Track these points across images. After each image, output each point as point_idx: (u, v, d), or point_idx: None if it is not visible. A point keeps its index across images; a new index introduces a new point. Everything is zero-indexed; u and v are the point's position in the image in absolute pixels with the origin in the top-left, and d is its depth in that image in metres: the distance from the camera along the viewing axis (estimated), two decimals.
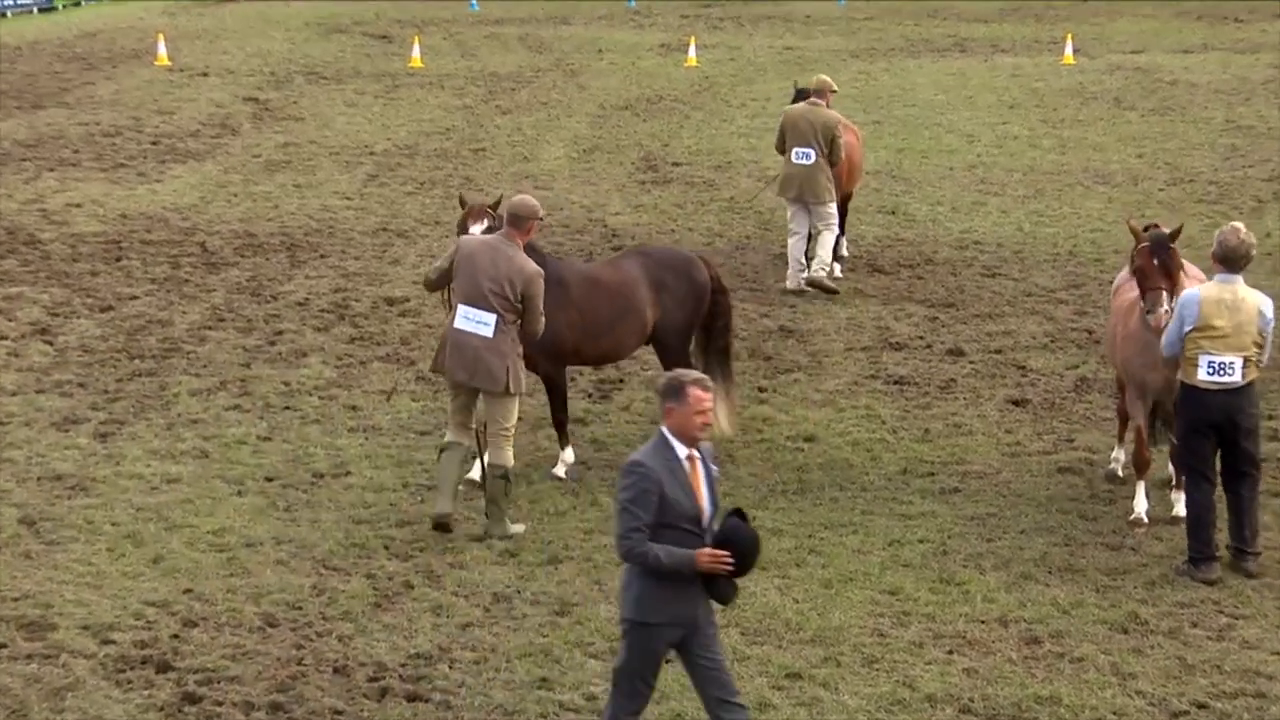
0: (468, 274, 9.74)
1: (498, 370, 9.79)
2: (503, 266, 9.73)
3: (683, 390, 6.86)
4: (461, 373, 9.81)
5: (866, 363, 13.77)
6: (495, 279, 9.70)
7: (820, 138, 15.30)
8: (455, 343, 9.83)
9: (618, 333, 10.93)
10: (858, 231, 17.71)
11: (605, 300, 10.84)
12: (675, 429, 6.88)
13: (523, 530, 10.01)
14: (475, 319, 9.75)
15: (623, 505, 6.83)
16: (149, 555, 9.71)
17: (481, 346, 9.77)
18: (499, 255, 9.74)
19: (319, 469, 11.14)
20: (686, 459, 6.90)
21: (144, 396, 12.39)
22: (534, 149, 21.90)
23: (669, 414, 6.88)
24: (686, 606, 6.97)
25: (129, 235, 16.89)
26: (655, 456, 6.86)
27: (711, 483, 7.01)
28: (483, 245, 9.81)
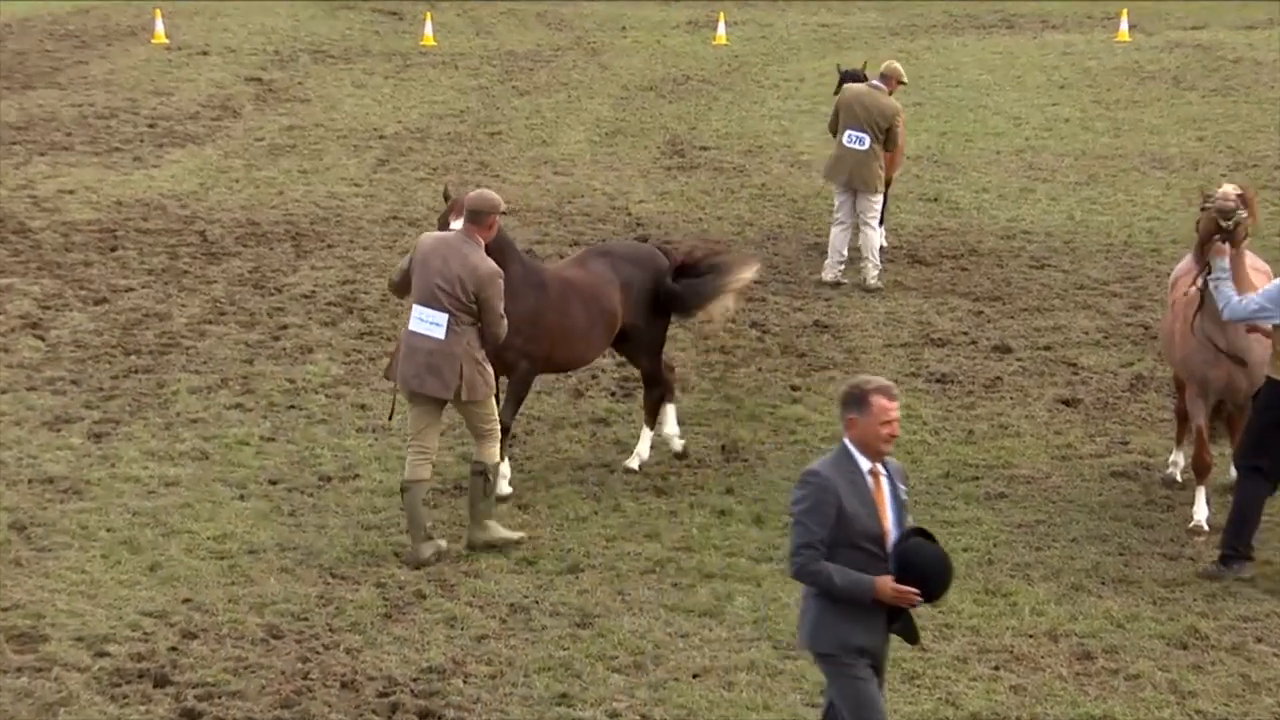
0: (420, 272, 9.68)
1: (448, 375, 9.63)
2: (454, 264, 9.61)
3: (865, 399, 6.70)
4: (413, 379, 9.71)
5: (906, 360, 13.76)
6: (446, 277, 9.60)
7: (877, 124, 15.28)
8: (408, 346, 9.76)
9: (592, 336, 10.94)
10: (898, 220, 17.69)
11: (581, 304, 10.85)
12: (858, 441, 6.71)
13: (518, 538, 9.93)
14: (428, 320, 9.67)
15: (796, 518, 6.65)
16: (146, 563, 9.75)
17: (434, 350, 9.64)
18: (452, 252, 9.65)
19: (326, 471, 11.18)
20: (869, 473, 6.70)
21: (141, 394, 12.45)
22: (553, 132, 21.93)
23: (851, 425, 6.72)
24: (870, 637, 6.71)
25: (124, 224, 16.96)
26: (835, 467, 6.70)
27: (899, 503, 6.75)
28: (438, 242, 9.76)
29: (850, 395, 6.76)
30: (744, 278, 11.40)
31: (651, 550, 10.11)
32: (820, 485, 6.64)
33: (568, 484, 11.08)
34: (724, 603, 9.46)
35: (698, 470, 11.40)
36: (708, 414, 12.50)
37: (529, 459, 11.48)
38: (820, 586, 6.63)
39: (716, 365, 13.53)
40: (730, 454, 11.68)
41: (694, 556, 10.05)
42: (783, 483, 11.18)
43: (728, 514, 10.69)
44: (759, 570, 9.88)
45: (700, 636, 9.10)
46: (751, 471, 11.40)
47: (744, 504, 10.85)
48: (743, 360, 13.67)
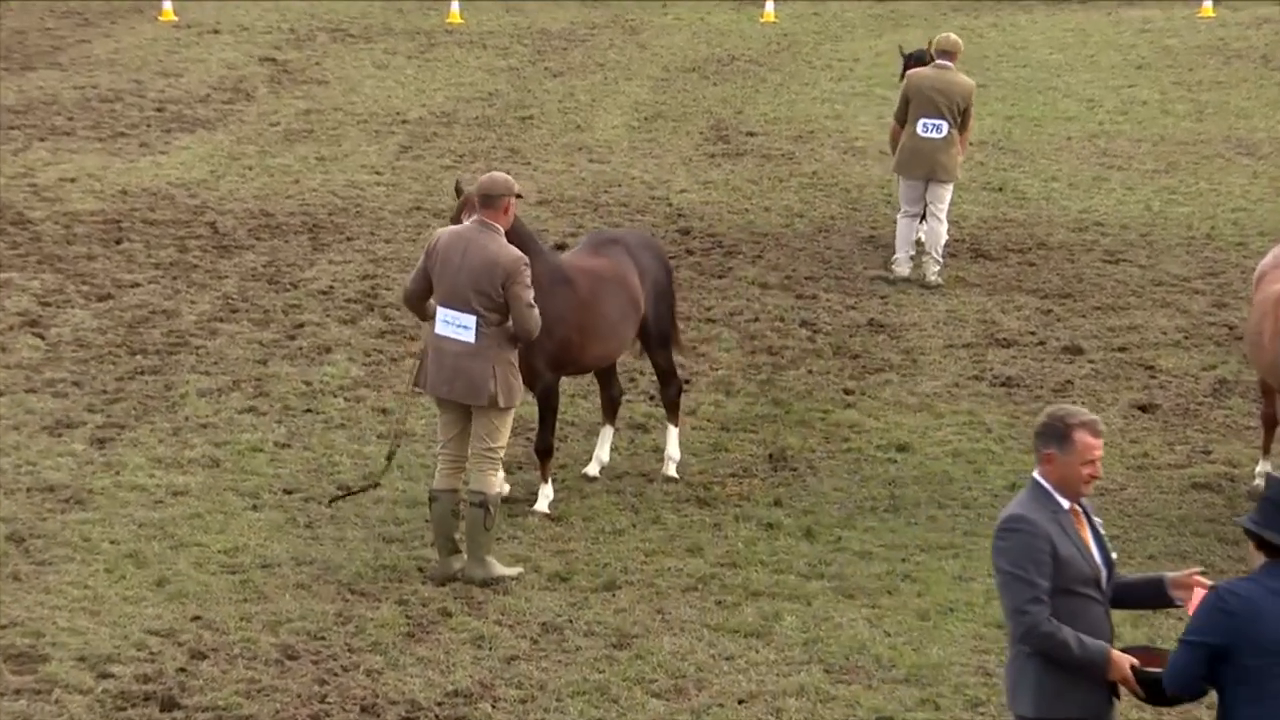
0: (441, 271, 9.68)
1: (480, 380, 9.62)
2: (476, 256, 9.60)
3: (1069, 435, 6.43)
4: (442, 385, 9.72)
5: (969, 361, 13.73)
6: (470, 272, 9.59)
7: (955, 108, 15.20)
8: (435, 351, 9.77)
9: (620, 332, 10.97)
10: (960, 211, 17.65)
11: (608, 297, 10.87)
12: (1056, 480, 6.45)
13: (516, 574, 9.87)
14: (454, 322, 9.66)
15: (1010, 572, 6.37)
16: (152, 578, 9.81)
17: (462, 353, 9.64)
18: (471, 245, 9.64)
19: (345, 480, 11.22)
20: (1070, 511, 6.50)
21: (147, 397, 12.52)
22: (588, 117, 21.96)
23: (1048, 461, 6.46)
24: (1098, 695, 6.42)
25: (130, 214, 17.06)
26: (1037, 509, 6.44)
27: (1101, 539, 6.58)
28: (454, 236, 9.75)
29: (1050, 428, 6.47)
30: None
31: (693, 566, 10.12)
32: (1030, 531, 6.39)
33: (604, 494, 11.10)
34: (771, 623, 9.46)
35: (743, 480, 11.41)
36: (754, 419, 12.50)
37: (562, 467, 11.50)
38: (1054, 653, 6.31)
39: (763, 367, 13.54)
40: (778, 463, 11.68)
41: (739, 573, 10.06)
42: (834, 494, 11.17)
43: (776, 527, 10.69)
44: (809, 588, 9.88)
45: (746, 659, 9.10)
46: (801, 481, 11.40)
47: (793, 516, 10.85)
48: (792, 362, 13.66)
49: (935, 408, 12.74)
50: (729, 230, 17.12)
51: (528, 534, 10.48)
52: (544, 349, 10.30)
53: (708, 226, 17.22)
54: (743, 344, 14.05)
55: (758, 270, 15.87)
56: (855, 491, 11.25)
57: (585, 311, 10.73)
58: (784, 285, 15.48)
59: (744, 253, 16.40)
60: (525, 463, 11.36)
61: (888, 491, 11.26)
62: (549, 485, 10.85)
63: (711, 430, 12.28)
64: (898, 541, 10.52)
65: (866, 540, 10.52)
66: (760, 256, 16.30)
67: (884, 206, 17.75)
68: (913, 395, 12.98)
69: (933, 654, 9.14)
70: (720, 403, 12.78)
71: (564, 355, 10.66)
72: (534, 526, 10.58)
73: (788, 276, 15.72)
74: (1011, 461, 11.74)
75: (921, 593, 9.85)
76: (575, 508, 10.86)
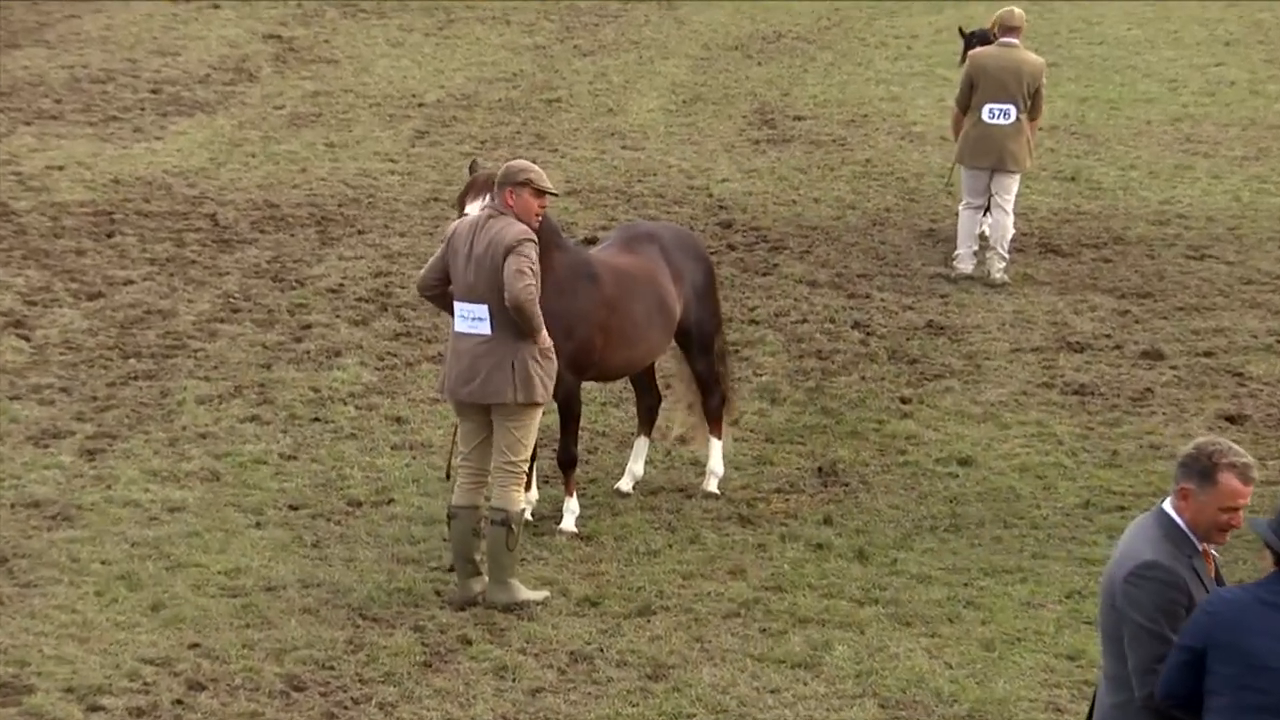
0: (454, 263, 9.74)
1: (499, 377, 9.65)
2: (482, 242, 9.68)
3: (1213, 474, 6.30)
4: (460, 386, 9.74)
5: (1038, 367, 13.69)
6: (479, 259, 9.66)
7: (1025, 90, 15.15)
8: (453, 350, 9.80)
9: (648, 337, 10.97)
10: (1029, 202, 17.61)
11: (636, 297, 10.88)
12: (1191, 519, 6.34)
13: (543, 598, 9.89)
14: (469, 315, 9.71)
15: (1143, 625, 6.24)
16: (147, 601, 9.85)
17: (481, 348, 9.69)
18: (480, 230, 9.72)
19: (355, 495, 11.26)
20: (1203, 553, 6.42)
21: (141, 405, 12.58)
22: (622, 99, 21.98)
23: (1184, 496, 6.34)
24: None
25: (123, 205, 17.14)
26: (1171, 552, 6.32)
27: (1222, 583, 6.51)
28: (468, 225, 9.81)
29: (1194, 461, 6.35)
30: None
31: (735, 590, 10.12)
32: (1167, 581, 6.28)
33: (637, 511, 11.11)
34: (821, 652, 9.45)
35: (790, 496, 11.40)
36: (802, 430, 12.49)
37: (592, 482, 11.52)
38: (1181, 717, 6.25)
39: (812, 373, 13.53)
40: (828, 477, 11.67)
41: (785, 598, 10.05)
42: (889, 512, 11.16)
43: (825, 548, 10.68)
44: (862, 614, 9.87)
45: (793, 692, 9.10)
46: (853, 498, 11.39)
47: (844, 536, 10.84)
48: (843, 367, 13.65)
49: (1001, 418, 12.71)
50: (775, 223, 17.11)
51: (554, 554, 10.49)
52: (562, 350, 10.32)
53: (751, 219, 17.21)
54: (789, 348, 14.04)
55: (806, 267, 15.86)
56: (913, 509, 11.23)
57: (609, 312, 10.73)
58: (835, 283, 15.47)
59: (791, 248, 16.39)
60: (551, 477, 11.38)
61: (948, 509, 11.23)
62: (575, 500, 10.86)
63: (755, 442, 12.27)
64: (959, 564, 10.49)
65: (925, 563, 10.49)
66: (809, 252, 16.29)
67: (945, 197, 17.71)
68: (976, 404, 12.95)
69: (998, 688, 9.12)
70: (765, 412, 12.77)
71: (584, 358, 10.68)
72: (561, 546, 10.59)
73: (839, 274, 15.71)
74: (1084, 477, 11.71)
75: (986, 621, 9.82)
76: (606, 526, 10.87)
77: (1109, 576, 6.43)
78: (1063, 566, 10.44)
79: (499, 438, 9.82)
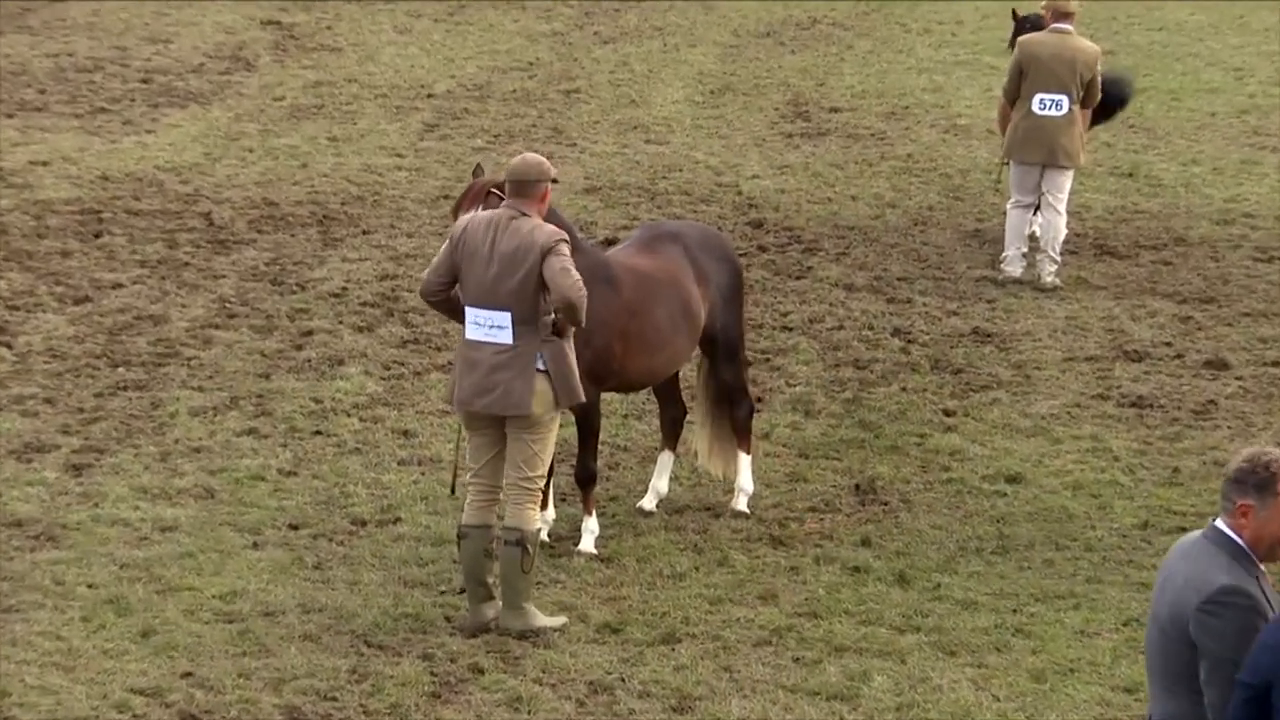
0: (469, 265, 9.71)
1: (519, 386, 9.66)
2: (508, 243, 9.64)
3: (1272, 485, 6.27)
4: (475, 398, 9.74)
5: (1093, 378, 13.68)
6: (501, 262, 9.64)
7: (1077, 79, 15.13)
8: (465, 360, 9.79)
9: (671, 344, 10.97)
10: (1082, 200, 17.59)
11: (659, 302, 10.89)
12: (1252, 537, 6.31)
13: (561, 624, 9.87)
14: (486, 323, 9.70)
15: (1225, 657, 6.23)
16: (136, 627, 9.88)
17: (498, 359, 9.69)
18: (501, 231, 9.69)
19: (360, 514, 11.28)
20: (1263, 574, 6.39)
21: (130, 417, 12.61)
22: (645, 90, 21.99)
23: (1244, 513, 6.31)
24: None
25: (111, 203, 17.19)
26: (1243, 575, 6.29)
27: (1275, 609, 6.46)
28: (482, 224, 9.76)
29: (1250, 474, 6.32)
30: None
31: (767, 616, 10.13)
32: (1248, 607, 6.25)
33: (661, 531, 11.12)
34: (858, 684, 9.45)
35: (825, 516, 11.40)
36: (838, 445, 12.50)
37: (613, 500, 11.53)
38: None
39: (849, 383, 13.53)
40: (866, 495, 11.67)
41: (820, 624, 10.06)
42: (932, 532, 11.15)
43: (863, 571, 10.68)
44: (902, 642, 9.87)
45: None
46: (893, 517, 11.38)
47: (883, 559, 10.84)
48: (882, 377, 13.65)
49: (1052, 432, 12.70)
50: (809, 223, 17.11)
51: (573, 578, 10.51)
52: (580, 359, 10.33)
53: (784, 218, 17.22)
54: (824, 356, 14.04)
55: (842, 270, 15.86)
56: (957, 530, 11.22)
57: (629, 317, 10.75)
58: (873, 287, 15.47)
59: (826, 249, 16.39)
60: (568, 494, 11.39)
61: (995, 530, 11.23)
62: (594, 520, 10.88)
63: (788, 457, 12.27)
64: (1008, 589, 10.48)
65: (971, 588, 10.49)
66: (845, 254, 16.29)
67: (991, 195, 17.69)
68: (1025, 417, 12.94)
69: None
70: (798, 425, 12.77)
71: (602, 367, 10.69)
72: (580, 569, 10.61)
73: (877, 277, 15.71)
74: (1142, 496, 11.69)
75: (1036, 650, 9.82)
76: (628, 547, 10.88)
77: (1172, 606, 6.36)
78: (1119, 592, 10.42)
79: (514, 452, 9.83)
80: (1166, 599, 6.42)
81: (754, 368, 13.40)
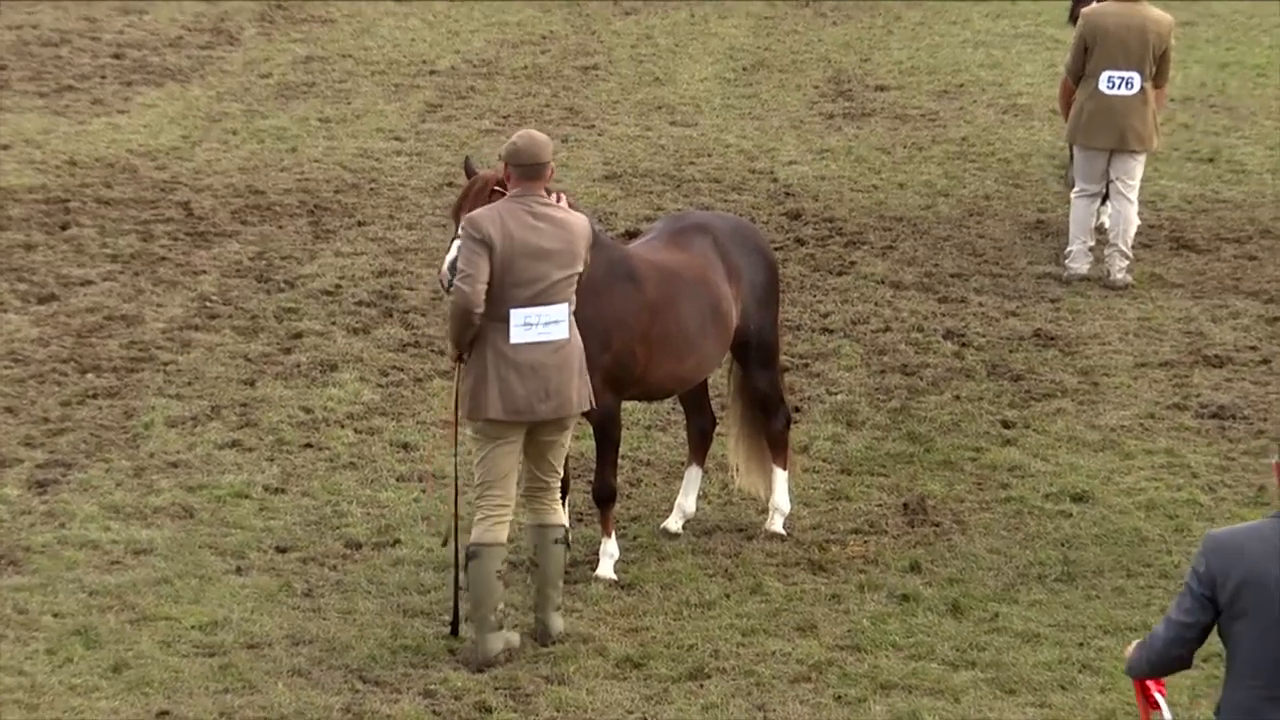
0: (522, 261, 9.76)
1: (579, 382, 9.98)
2: (560, 234, 9.84)
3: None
4: (540, 403, 9.87)
5: (1168, 386, 13.66)
6: (558, 257, 9.81)
7: (1149, 54, 15.09)
8: (521, 366, 9.82)
9: (699, 348, 10.99)
10: (1157, 188, 17.57)
11: (685, 301, 10.90)
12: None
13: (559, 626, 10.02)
14: (540, 320, 9.85)
15: None
16: (107, 661, 9.89)
17: (558, 357, 9.88)
18: (549, 221, 9.82)
19: (354, 536, 11.29)
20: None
21: (101, 427, 12.64)
22: (670, 66, 21.99)
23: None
24: None
25: (80, 191, 17.22)
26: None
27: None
28: (519, 219, 9.78)
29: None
30: None
31: (805, 649, 10.13)
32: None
33: (688, 555, 11.12)
34: None
35: (870, 538, 11.40)
36: (884, 459, 12.49)
37: (634, 520, 11.53)
38: None
39: (896, 391, 13.53)
40: (916, 515, 11.67)
41: (865, 659, 10.05)
42: (989, 557, 11.14)
43: (912, 599, 10.67)
44: (956, 679, 9.86)
45: None
46: (946, 540, 11.38)
47: (934, 586, 10.83)
48: (933, 384, 13.65)
49: (1123, 445, 12.68)
50: (851, 213, 17.11)
51: (590, 606, 10.51)
52: (597, 363, 10.33)
53: (824, 208, 17.22)
54: (869, 361, 14.04)
55: (889, 265, 15.86)
56: (1017, 554, 11.21)
57: (653, 318, 10.76)
58: (923, 285, 15.46)
59: (871, 242, 16.39)
60: (586, 514, 11.40)
61: (1060, 555, 11.21)
62: (614, 542, 10.89)
63: (829, 473, 12.26)
64: (1073, 621, 10.47)
65: (1032, 618, 10.47)
66: (892, 247, 16.29)
67: (1055, 183, 17.67)
68: (1093, 429, 12.93)
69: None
70: (840, 437, 12.77)
71: (623, 373, 10.70)
72: (598, 596, 10.61)
73: (928, 274, 15.70)
74: (1224, 516, 11.66)
75: (1105, 688, 9.80)
76: (652, 573, 10.88)
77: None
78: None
79: (551, 455, 10.08)
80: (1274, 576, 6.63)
81: (791, 374, 13.40)
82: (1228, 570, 6.72)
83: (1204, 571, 6.77)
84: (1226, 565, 6.73)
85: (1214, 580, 6.74)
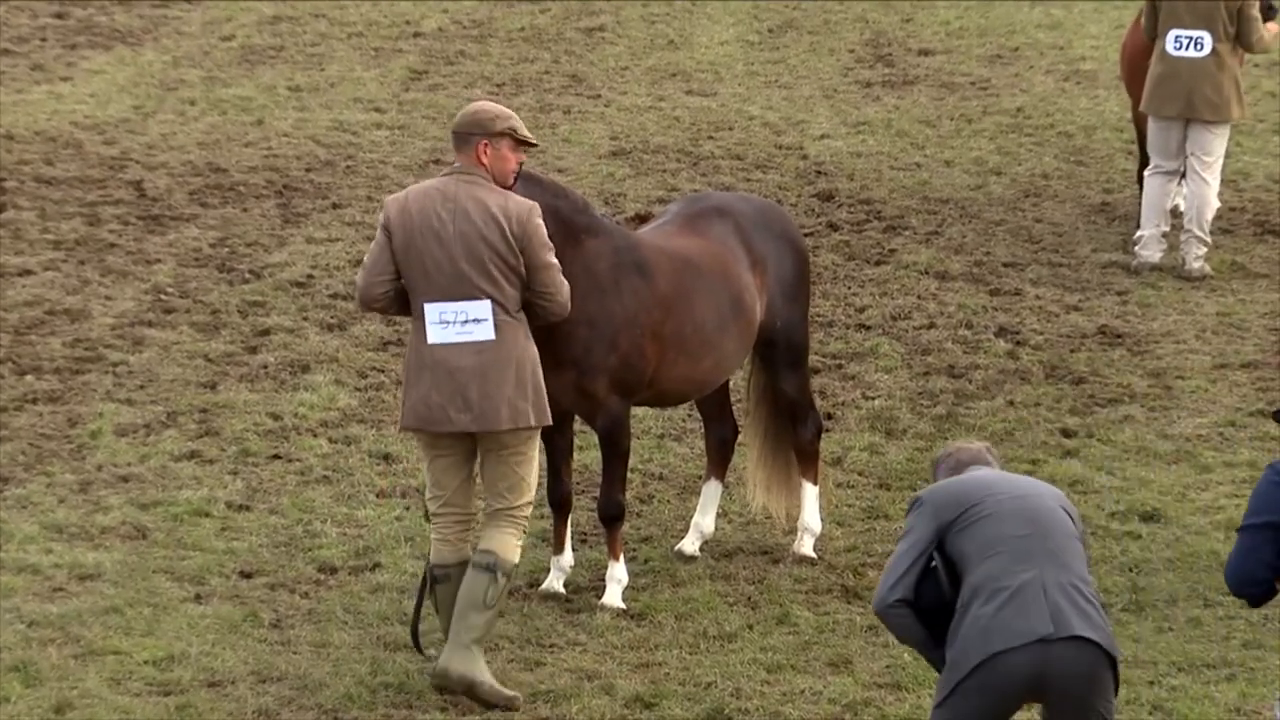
0: (421, 251, 9.72)
1: (508, 392, 9.72)
2: (471, 217, 9.69)
3: None
4: (454, 413, 9.76)
5: (1250, 390, 13.66)
6: (468, 240, 9.67)
7: (1225, 11, 15.06)
8: (432, 371, 9.78)
9: (719, 347, 10.98)
10: (1238, 166, 17.57)
11: (703, 294, 10.90)
12: None
13: (507, 700, 9.74)
14: (457, 318, 9.74)
15: None
16: (48, 700, 9.90)
17: (479, 360, 9.71)
18: (465, 201, 9.72)
19: (328, 558, 11.30)
20: None
21: (41, 436, 12.65)
22: (685, 29, 21.99)
23: None
24: None
25: (17, 169, 17.23)
26: None
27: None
28: (429, 199, 9.75)
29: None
30: None
31: (838, 687, 10.14)
32: None
33: (706, 581, 11.13)
34: None
35: None
36: (927, 473, 12.46)
37: (645, 541, 11.54)
38: None
39: (942, 396, 13.53)
40: None
41: (906, 698, 10.06)
42: None
43: None
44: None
45: None
46: None
47: None
48: (984, 388, 13.65)
49: (1199, 457, 12.68)
50: (891, 195, 17.11)
51: (595, 638, 10.52)
52: (603, 365, 10.33)
53: (860, 189, 17.22)
54: (911, 361, 14.05)
55: (933, 253, 15.86)
56: None
57: (665, 314, 10.77)
58: (972, 275, 15.47)
59: (914, 227, 16.40)
60: (590, 534, 11.41)
61: (1128, 580, 11.22)
62: (622, 566, 10.89)
63: (865, 488, 12.27)
64: (1143, 655, 10.47)
65: None
66: (937, 233, 16.29)
67: (1122, 159, 17.68)
68: (1165, 438, 12.93)
69: None
70: (878, 447, 12.77)
71: (633, 376, 10.71)
72: (604, 628, 10.62)
73: (978, 263, 15.71)
74: None
75: None
76: (665, 601, 10.89)
77: None
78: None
79: (497, 478, 9.86)
80: None
81: (822, 376, 13.42)
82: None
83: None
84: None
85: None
